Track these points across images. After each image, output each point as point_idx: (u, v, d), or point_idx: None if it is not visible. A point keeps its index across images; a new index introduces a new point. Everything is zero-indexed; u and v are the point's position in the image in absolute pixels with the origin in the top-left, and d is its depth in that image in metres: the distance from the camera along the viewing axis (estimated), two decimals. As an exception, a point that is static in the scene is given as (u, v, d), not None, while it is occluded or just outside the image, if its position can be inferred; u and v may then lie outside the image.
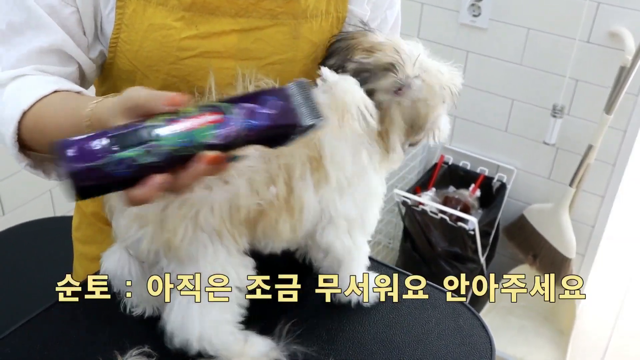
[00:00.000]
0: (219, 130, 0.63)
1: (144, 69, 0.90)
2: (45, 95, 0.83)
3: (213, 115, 0.63)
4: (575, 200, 2.23)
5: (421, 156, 2.55)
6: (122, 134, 0.61)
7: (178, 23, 0.88)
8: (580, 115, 2.18)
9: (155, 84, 0.90)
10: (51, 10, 0.86)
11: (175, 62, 0.89)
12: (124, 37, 0.89)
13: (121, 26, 0.88)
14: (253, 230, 0.82)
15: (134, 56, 0.90)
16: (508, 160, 2.39)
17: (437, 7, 2.31)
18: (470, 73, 2.34)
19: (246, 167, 0.77)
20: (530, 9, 2.14)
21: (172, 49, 0.88)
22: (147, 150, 0.61)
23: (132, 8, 0.88)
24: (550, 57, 2.16)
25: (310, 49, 0.95)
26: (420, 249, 2.34)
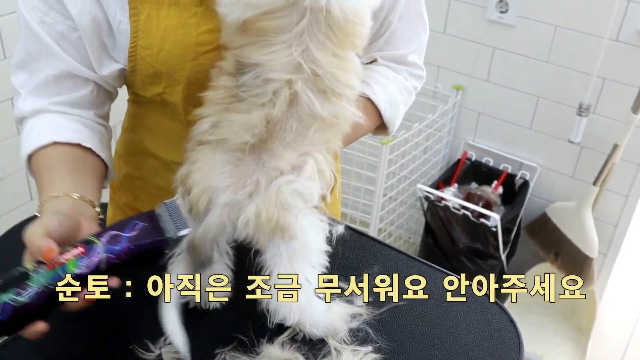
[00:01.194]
0: (82, 261, 0.73)
1: (167, 70, 0.92)
2: (43, 145, 0.92)
3: (78, 249, 0.74)
4: (598, 200, 2.22)
5: (444, 152, 2.55)
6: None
7: (192, 19, 0.90)
8: (607, 114, 2.17)
9: (180, 81, 0.93)
10: (61, 36, 0.91)
11: (196, 58, 0.91)
12: (142, 44, 0.90)
13: (137, 33, 0.90)
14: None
15: (155, 59, 0.91)
16: (532, 158, 2.39)
17: (464, 3, 2.30)
18: (496, 70, 2.34)
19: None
20: (559, 6, 2.13)
21: (191, 45, 0.90)
22: (17, 292, 0.70)
23: (146, 14, 0.89)
24: (577, 55, 2.15)
25: None
26: (442, 245, 2.35)
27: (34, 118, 0.96)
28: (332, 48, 0.78)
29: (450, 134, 2.53)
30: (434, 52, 2.41)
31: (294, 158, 0.81)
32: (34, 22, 0.91)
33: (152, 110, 1.03)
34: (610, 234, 2.31)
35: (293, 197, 0.80)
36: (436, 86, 2.48)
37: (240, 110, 0.79)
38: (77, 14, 0.89)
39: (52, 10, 0.90)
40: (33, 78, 0.95)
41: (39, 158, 0.93)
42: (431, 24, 1.12)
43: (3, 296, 0.69)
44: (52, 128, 0.94)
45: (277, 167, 0.80)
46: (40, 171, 0.92)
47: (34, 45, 0.93)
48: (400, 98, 1.08)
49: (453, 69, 2.43)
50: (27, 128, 0.96)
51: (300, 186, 0.80)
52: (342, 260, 1.04)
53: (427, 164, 2.51)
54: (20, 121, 0.99)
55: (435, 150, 2.51)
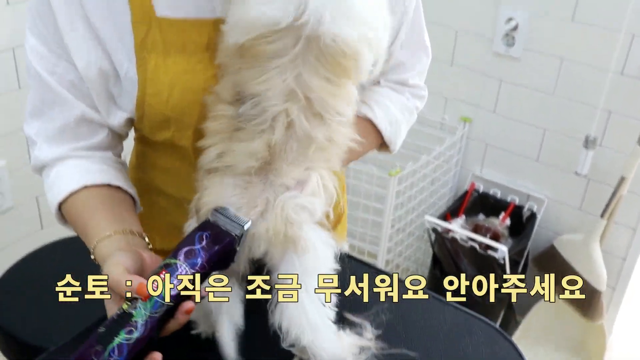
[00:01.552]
0: (172, 281, 0.76)
1: (176, 115, 0.93)
2: (75, 190, 0.94)
3: (162, 274, 0.77)
4: (606, 232, 2.22)
5: (452, 183, 2.56)
6: (103, 333, 0.74)
7: (199, 65, 0.91)
8: (613, 147, 2.18)
9: (190, 125, 0.94)
10: (72, 85, 0.93)
11: (204, 102, 0.91)
12: (150, 92, 0.91)
13: (145, 82, 0.91)
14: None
15: (164, 106, 0.92)
16: (539, 190, 2.39)
17: (471, 36, 2.33)
18: (503, 101, 2.36)
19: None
20: (564, 40, 2.16)
21: (199, 90, 0.90)
22: (128, 331, 0.74)
23: (153, 62, 0.90)
24: (583, 87, 2.17)
25: None
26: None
27: (56, 165, 0.97)
28: (325, 73, 0.80)
29: (458, 166, 2.54)
30: (441, 84, 2.44)
31: (298, 174, 0.85)
32: (44, 73, 0.92)
33: (161, 151, 1.05)
34: (618, 267, 2.30)
35: (296, 211, 0.83)
36: (443, 118, 2.50)
37: (242, 138, 0.83)
38: (83, 66, 0.91)
39: (61, 60, 0.92)
40: (48, 126, 0.96)
41: (72, 204, 0.94)
42: (438, 55, 1.14)
43: (116, 339, 0.73)
44: (79, 172, 0.96)
45: (284, 183, 0.84)
46: (78, 216, 0.94)
47: (47, 95, 0.94)
48: (401, 118, 1.10)
49: (460, 100, 2.45)
50: (51, 176, 0.97)
51: (304, 201, 0.83)
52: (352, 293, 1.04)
53: (435, 196, 2.52)
54: (39, 170, 1.01)
55: (443, 181, 2.51)
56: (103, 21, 0.89)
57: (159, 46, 0.89)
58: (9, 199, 2.02)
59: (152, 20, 0.89)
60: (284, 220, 0.82)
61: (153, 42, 0.89)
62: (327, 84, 0.81)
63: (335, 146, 0.86)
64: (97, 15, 0.89)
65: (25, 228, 2.12)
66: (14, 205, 2.05)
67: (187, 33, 0.90)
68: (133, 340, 0.73)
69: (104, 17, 0.89)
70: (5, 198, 2.01)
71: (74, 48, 0.90)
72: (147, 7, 0.88)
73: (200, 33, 0.90)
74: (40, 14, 0.90)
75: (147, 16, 0.89)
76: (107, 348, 0.73)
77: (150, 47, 0.89)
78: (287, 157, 0.83)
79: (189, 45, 0.90)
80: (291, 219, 0.82)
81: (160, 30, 0.89)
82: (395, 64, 1.07)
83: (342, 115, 0.85)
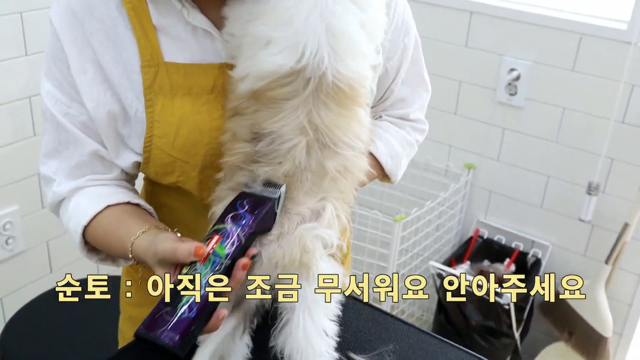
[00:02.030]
0: (225, 242, 0.81)
1: (182, 156, 0.96)
2: (99, 211, 0.98)
3: (213, 239, 0.82)
4: (611, 278, 2.22)
5: (456, 229, 2.58)
6: (172, 295, 0.79)
7: (205, 107, 0.95)
8: (616, 194, 2.21)
9: (195, 167, 0.97)
10: (84, 126, 0.98)
11: (210, 142, 0.96)
12: (158, 133, 0.95)
13: (153, 123, 0.95)
14: None
15: (171, 147, 0.96)
16: (543, 236, 2.41)
17: (474, 86, 2.39)
18: (507, 149, 2.40)
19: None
20: (566, 89, 2.21)
21: (205, 130, 0.95)
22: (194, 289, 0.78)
23: (161, 104, 0.94)
24: (585, 135, 2.21)
25: None
26: (455, 322, 2.34)
27: (75, 196, 1.02)
28: (335, 107, 0.86)
29: (462, 212, 2.56)
30: (445, 132, 2.49)
31: (313, 203, 0.89)
32: (59, 115, 0.97)
33: (169, 191, 1.08)
34: (624, 313, 2.30)
35: (313, 242, 0.87)
36: (448, 165, 2.54)
37: (259, 170, 0.88)
38: (93, 108, 0.96)
39: (74, 102, 0.97)
40: (66, 164, 1.01)
41: (99, 222, 0.98)
42: (443, 105, 1.19)
43: (185, 299, 0.77)
44: (98, 196, 1.00)
45: (299, 212, 0.88)
46: (107, 230, 0.98)
47: (62, 135, 0.99)
48: (402, 151, 1.15)
49: (464, 148, 2.49)
50: (71, 206, 1.01)
51: (322, 232, 0.88)
52: (356, 333, 1.06)
53: (440, 242, 2.53)
54: (57, 206, 1.04)
55: (448, 227, 2.54)
56: (114, 64, 0.94)
57: (166, 89, 0.94)
58: (21, 243, 2.05)
59: (159, 64, 0.94)
60: (301, 248, 0.86)
61: (160, 85, 0.94)
62: (337, 117, 0.87)
63: (349, 177, 0.91)
64: (107, 59, 0.94)
65: (36, 271, 2.14)
66: (25, 249, 2.08)
67: (193, 77, 0.94)
68: (202, 299, 0.77)
69: (114, 60, 0.94)
70: (17, 242, 2.04)
71: (84, 90, 0.95)
72: (155, 52, 0.93)
73: (206, 76, 0.95)
74: (55, 59, 0.96)
75: (155, 61, 0.93)
76: (177, 307, 0.77)
77: (158, 90, 0.94)
78: (303, 186, 0.88)
79: (194, 88, 0.94)
80: (307, 247, 0.86)
81: (168, 73, 0.94)
82: (396, 100, 1.12)
83: (353, 147, 0.90)
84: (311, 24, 0.83)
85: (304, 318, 0.87)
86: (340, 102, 0.87)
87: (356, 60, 0.88)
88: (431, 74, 1.12)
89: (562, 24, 2.15)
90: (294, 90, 0.84)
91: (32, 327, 1.71)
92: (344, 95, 0.86)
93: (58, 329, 1.71)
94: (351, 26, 0.87)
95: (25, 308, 1.77)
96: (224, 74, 0.94)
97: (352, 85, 0.87)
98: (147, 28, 0.93)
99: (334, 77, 0.84)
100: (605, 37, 2.09)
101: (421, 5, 2.38)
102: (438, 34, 2.38)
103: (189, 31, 0.94)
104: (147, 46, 0.93)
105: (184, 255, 0.80)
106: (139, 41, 0.93)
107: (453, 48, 2.37)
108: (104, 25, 0.93)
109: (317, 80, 0.84)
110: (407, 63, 1.09)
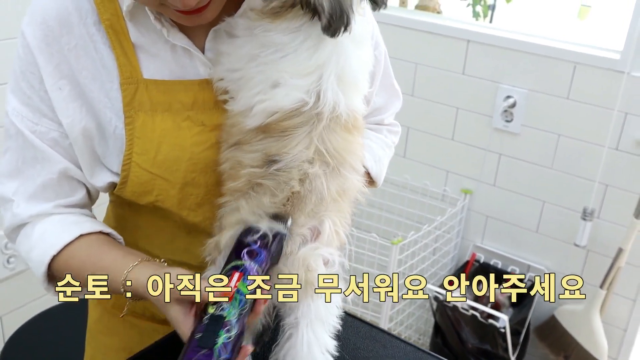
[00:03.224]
0: (247, 280, 0.83)
1: (162, 173, 0.94)
2: (71, 241, 0.95)
3: (235, 276, 0.83)
4: (606, 303, 2.25)
5: (453, 253, 2.60)
6: (205, 337, 0.80)
7: (185, 123, 0.94)
8: (611, 219, 2.24)
9: (175, 184, 0.95)
10: (54, 143, 0.95)
11: (191, 158, 0.94)
12: (138, 150, 0.93)
13: (133, 140, 0.93)
14: None
15: (151, 164, 0.94)
16: (539, 261, 2.44)
17: (471, 112, 2.43)
18: (503, 175, 2.43)
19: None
20: (561, 117, 2.25)
21: (187, 146, 0.94)
22: (227, 330, 0.80)
23: (141, 120, 0.93)
24: (580, 162, 2.25)
25: None
26: (451, 345, 2.36)
27: (38, 223, 0.97)
28: (343, 134, 0.90)
29: (459, 236, 2.59)
30: (442, 157, 2.53)
31: (313, 223, 0.91)
32: (27, 130, 0.93)
33: (143, 213, 1.04)
34: (619, 337, 2.32)
35: (316, 261, 0.90)
36: (445, 190, 2.57)
37: (266, 192, 0.90)
38: (69, 123, 0.92)
39: (44, 119, 0.93)
40: (28, 184, 0.96)
41: (72, 253, 0.95)
42: (440, 131, 1.23)
43: (219, 340, 0.79)
44: (67, 224, 0.97)
45: (301, 233, 0.90)
46: (84, 261, 0.94)
47: (28, 152, 0.95)
48: (383, 154, 1.19)
49: (461, 173, 2.53)
50: (35, 234, 0.97)
51: (324, 252, 0.90)
52: (354, 350, 1.08)
53: (437, 265, 2.56)
54: (15, 229, 0.99)
55: (444, 251, 2.56)
56: (91, 81, 0.93)
57: (146, 105, 0.93)
58: (22, 262, 2.06)
59: (139, 81, 0.93)
60: (305, 267, 0.89)
61: (140, 102, 0.93)
62: (345, 142, 0.91)
63: (347, 199, 0.94)
64: (85, 75, 0.92)
65: (36, 290, 2.15)
66: (26, 268, 2.09)
67: (173, 93, 0.94)
68: (233, 337, 0.79)
69: (92, 77, 0.93)
70: (19, 261, 2.06)
71: (59, 106, 0.92)
72: (134, 69, 0.93)
73: (186, 93, 0.95)
74: (25, 74, 0.93)
75: (134, 78, 0.93)
76: (214, 349, 0.78)
77: (138, 106, 0.93)
78: (306, 208, 0.90)
79: (174, 104, 0.94)
80: (310, 266, 0.89)
81: (147, 90, 0.93)
82: (372, 109, 1.17)
83: (357, 170, 0.94)
84: (325, 75, 0.87)
85: (307, 333, 0.90)
86: (347, 129, 0.91)
87: (360, 96, 0.93)
88: (429, 100, 1.16)
89: (557, 53, 2.21)
90: (305, 120, 0.87)
91: (32, 346, 1.72)
92: (350, 125, 0.91)
93: (58, 348, 1.72)
94: (356, 69, 0.91)
95: (25, 326, 1.78)
96: (205, 91, 0.95)
97: (356, 116, 0.92)
98: (125, 45, 0.92)
99: (342, 111, 0.88)
100: (598, 67, 2.14)
101: (420, 34, 2.44)
102: (436, 62, 2.44)
103: (168, 49, 0.94)
104: (126, 63, 0.92)
105: (206, 296, 0.81)
106: (117, 58, 0.92)
107: (450, 75, 2.42)
108: (82, 41, 0.91)
109: (328, 114, 0.88)
110: (380, 74, 1.13)
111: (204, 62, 0.95)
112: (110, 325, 1.19)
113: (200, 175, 0.96)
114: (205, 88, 0.95)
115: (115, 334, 1.19)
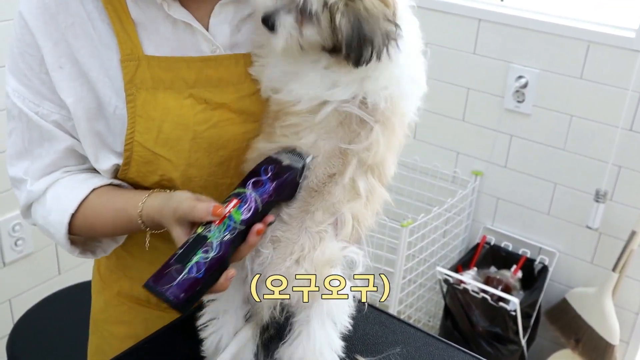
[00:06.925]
0: (242, 208, 0.82)
1: (165, 153, 0.93)
2: (86, 196, 0.96)
3: (232, 202, 0.83)
4: (618, 286, 2.22)
5: (463, 236, 2.58)
6: (181, 254, 0.80)
7: (188, 100, 0.92)
8: (624, 201, 2.21)
9: (179, 165, 0.94)
10: (57, 124, 0.95)
11: (195, 137, 0.93)
12: (140, 128, 0.92)
13: (135, 118, 0.91)
14: None
15: (154, 143, 0.92)
16: (550, 243, 2.41)
17: (482, 93, 2.39)
18: (514, 156, 2.40)
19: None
20: (573, 97, 2.21)
21: (189, 124, 0.92)
22: (205, 250, 0.80)
23: (142, 98, 0.91)
24: (593, 143, 2.21)
25: None
26: (461, 328, 2.35)
27: (51, 189, 0.98)
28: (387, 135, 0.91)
29: (470, 218, 2.57)
30: (453, 139, 2.50)
31: (332, 219, 0.89)
32: (30, 112, 0.94)
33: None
34: (631, 320, 2.30)
35: (338, 262, 0.89)
36: (455, 171, 2.54)
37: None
38: (72, 102, 0.92)
39: (45, 101, 0.93)
40: (37, 163, 0.97)
41: (88, 206, 0.96)
42: (450, 111, 1.20)
43: (194, 258, 0.79)
44: (78, 182, 0.97)
45: (320, 231, 0.88)
46: (101, 209, 0.95)
47: (34, 132, 0.96)
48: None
49: (472, 155, 2.50)
50: (48, 201, 0.97)
51: (350, 252, 0.90)
52: (363, 336, 1.07)
53: (447, 248, 2.54)
54: (29, 207, 1.00)
55: (455, 234, 2.54)
56: (90, 59, 0.91)
57: (147, 82, 0.91)
58: (30, 245, 2.07)
59: (140, 58, 0.91)
60: (325, 263, 0.87)
61: (142, 79, 0.91)
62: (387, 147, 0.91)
63: (372, 203, 0.94)
64: (84, 54, 0.91)
65: (44, 273, 2.16)
66: (34, 251, 2.10)
67: (175, 70, 0.92)
68: (210, 259, 0.79)
69: (91, 55, 0.91)
70: (27, 244, 2.06)
71: (61, 86, 0.91)
72: (135, 46, 0.91)
73: (188, 70, 0.93)
74: (24, 56, 0.91)
75: (135, 54, 0.91)
76: (185, 265, 0.78)
77: (139, 84, 0.91)
78: (327, 200, 0.88)
79: (177, 82, 0.92)
80: (332, 262, 0.88)
81: (149, 67, 0.91)
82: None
83: (385, 175, 0.94)
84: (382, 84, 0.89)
85: (319, 329, 0.88)
86: (385, 125, 0.92)
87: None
88: (439, 80, 1.14)
89: (570, 32, 2.16)
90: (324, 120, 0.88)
91: (40, 328, 1.72)
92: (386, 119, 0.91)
93: (66, 330, 1.72)
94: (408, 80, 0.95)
95: (33, 309, 1.79)
96: (208, 68, 0.93)
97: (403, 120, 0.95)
98: (125, 22, 0.90)
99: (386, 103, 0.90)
100: (613, 45, 2.10)
101: (430, 12, 2.39)
102: (446, 41, 2.39)
103: (169, 25, 0.92)
104: (126, 40, 0.90)
105: (202, 213, 0.81)
106: (117, 35, 0.90)
107: (461, 55, 2.38)
108: (80, 19, 0.90)
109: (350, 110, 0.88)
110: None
111: (207, 38, 0.93)
112: (116, 314, 1.18)
113: (204, 155, 0.95)
114: (209, 65, 0.93)
115: (121, 323, 1.18)
